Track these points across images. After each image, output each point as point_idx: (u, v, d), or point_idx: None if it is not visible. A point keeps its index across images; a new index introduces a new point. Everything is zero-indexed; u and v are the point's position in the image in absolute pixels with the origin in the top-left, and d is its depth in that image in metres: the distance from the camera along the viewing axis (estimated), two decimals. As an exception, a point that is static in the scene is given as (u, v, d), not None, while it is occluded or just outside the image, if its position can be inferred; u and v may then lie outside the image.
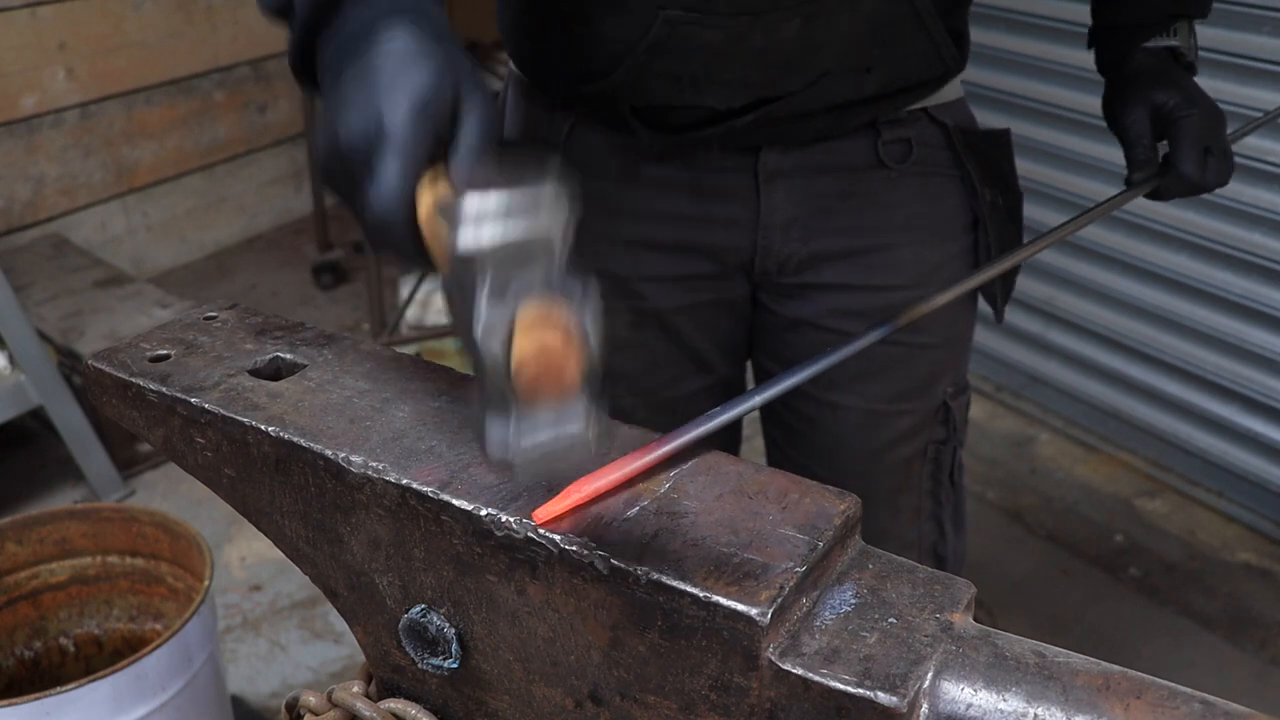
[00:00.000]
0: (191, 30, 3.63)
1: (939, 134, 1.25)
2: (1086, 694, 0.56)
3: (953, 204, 1.28)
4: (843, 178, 1.23)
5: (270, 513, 0.75)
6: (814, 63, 1.12)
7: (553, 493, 0.64)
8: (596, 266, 1.26)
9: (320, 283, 3.71)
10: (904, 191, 1.25)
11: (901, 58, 1.16)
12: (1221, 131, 1.24)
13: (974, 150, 1.26)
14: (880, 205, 1.24)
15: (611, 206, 1.25)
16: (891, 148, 1.23)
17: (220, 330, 0.85)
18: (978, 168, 1.26)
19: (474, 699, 0.71)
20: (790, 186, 1.21)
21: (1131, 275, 2.68)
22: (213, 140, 3.82)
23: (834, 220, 1.23)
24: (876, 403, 1.31)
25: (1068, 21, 2.58)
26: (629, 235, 1.25)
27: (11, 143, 3.26)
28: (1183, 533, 2.60)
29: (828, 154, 1.21)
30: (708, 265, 1.27)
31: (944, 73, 1.21)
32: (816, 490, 0.67)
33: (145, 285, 3.05)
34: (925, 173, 1.25)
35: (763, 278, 1.28)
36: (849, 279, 1.25)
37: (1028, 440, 2.92)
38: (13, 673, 1.83)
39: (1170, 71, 1.25)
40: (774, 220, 1.23)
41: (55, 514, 1.83)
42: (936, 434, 1.35)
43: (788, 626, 0.59)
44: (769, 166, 1.20)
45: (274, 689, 2.16)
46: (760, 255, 1.25)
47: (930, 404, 1.33)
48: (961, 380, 1.37)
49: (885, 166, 1.23)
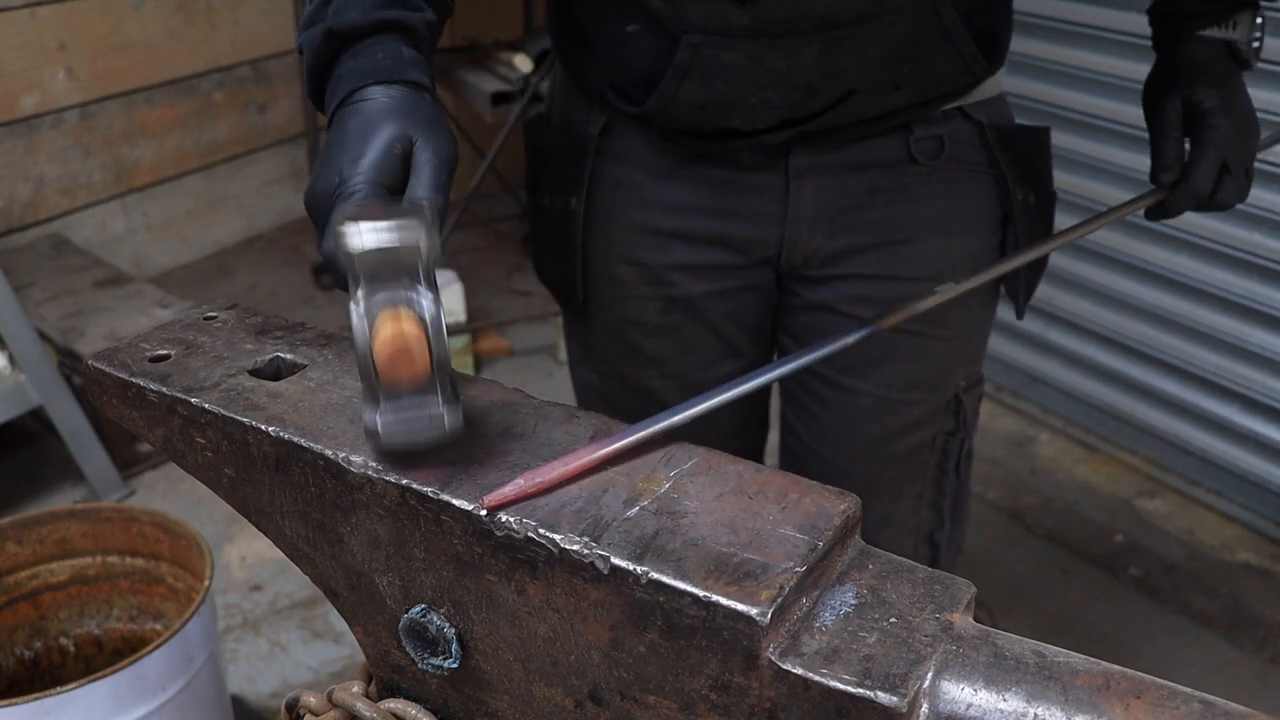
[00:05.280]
0: (191, 30, 3.63)
1: (973, 131, 1.24)
2: (1086, 694, 0.56)
3: (982, 201, 1.27)
4: (873, 174, 1.23)
5: (270, 513, 0.75)
6: (838, 85, 1.13)
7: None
8: (629, 256, 1.29)
9: (320, 283, 3.71)
10: (933, 187, 1.24)
11: (930, 72, 1.16)
12: (1248, 148, 1.19)
13: (1008, 148, 1.25)
14: (908, 200, 1.24)
15: (644, 198, 1.28)
16: (923, 144, 1.22)
17: (220, 330, 0.85)
18: (1011, 166, 1.25)
19: (474, 699, 0.71)
20: (820, 184, 1.22)
21: (1131, 275, 2.68)
22: (213, 140, 3.82)
23: (861, 215, 1.24)
24: (889, 390, 1.32)
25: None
26: (659, 226, 1.28)
27: (11, 143, 3.26)
28: (1183, 533, 2.60)
29: (859, 152, 1.21)
30: (735, 257, 1.28)
31: (972, 81, 1.20)
32: (816, 490, 0.67)
33: (145, 285, 3.05)
34: (956, 169, 1.25)
35: (788, 269, 1.29)
36: (869, 269, 1.26)
37: (1028, 440, 2.92)
38: (13, 673, 1.83)
39: (1218, 68, 1.20)
40: (802, 216, 1.24)
41: (55, 514, 1.83)
42: (946, 425, 1.36)
43: (788, 626, 0.59)
44: (799, 164, 1.21)
45: (274, 689, 2.16)
46: (787, 249, 1.26)
47: (942, 395, 1.34)
48: (975, 374, 1.38)
49: (916, 163, 1.23)
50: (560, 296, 1.39)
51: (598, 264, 1.33)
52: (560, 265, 1.35)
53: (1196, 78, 1.19)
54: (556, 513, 0.64)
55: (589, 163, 1.28)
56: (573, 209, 1.30)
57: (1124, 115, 2.54)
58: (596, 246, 1.32)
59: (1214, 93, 1.18)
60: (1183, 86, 1.19)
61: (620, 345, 1.38)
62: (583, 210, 1.29)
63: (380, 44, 0.90)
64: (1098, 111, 2.61)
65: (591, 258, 1.33)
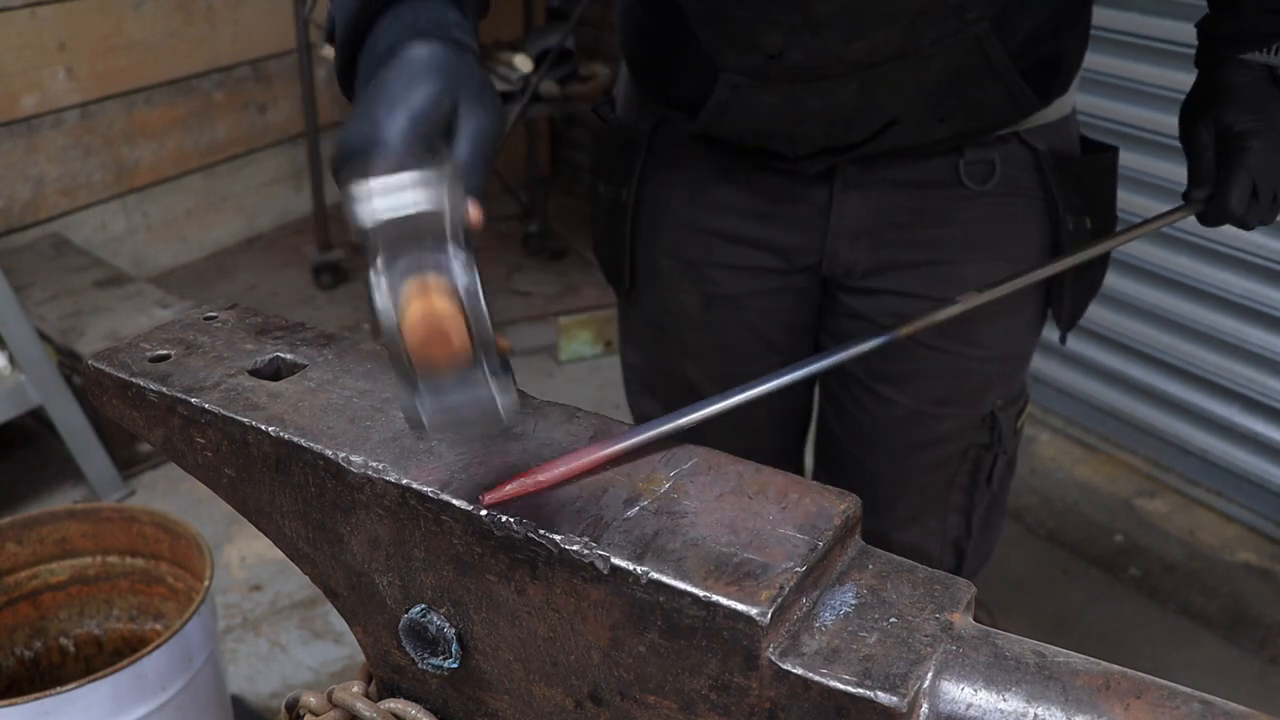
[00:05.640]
0: (191, 30, 3.63)
1: (1029, 156, 1.22)
2: (1086, 694, 0.56)
3: (1031, 226, 1.25)
4: (918, 194, 1.22)
5: (270, 513, 0.75)
6: (878, 117, 1.13)
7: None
8: (673, 251, 1.32)
9: (320, 283, 3.71)
10: (979, 210, 1.23)
11: (976, 106, 1.14)
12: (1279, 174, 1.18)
13: (1064, 175, 1.23)
14: (954, 222, 1.23)
15: (690, 196, 1.29)
16: (974, 168, 1.21)
17: (220, 330, 0.85)
18: (1065, 193, 1.23)
19: (474, 699, 0.71)
20: (864, 199, 1.22)
21: (1131, 275, 2.68)
22: (213, 140, 3.82)
23: (903, 233, 1.24)
24: (921, 403, 1.33)
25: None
26: (704, 224, 1.29)
27: (11, 143, 3.26)
28: (1183, 533, 2.60)
29: (906, 171, 1.21)
30: (777, 261, 1.30)
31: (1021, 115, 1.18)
32: (816, 490, 0.67)
33: (145, 285, 3.05)
34: (1006, 193, 1.23)
35: (830, 278, 1.30)
36: (912, 288, 1.26)
37: (1028, 440, 2.92)
38: (13, 673, 1.83)
39: (1258, 92, 1.18)
40: (843, 228, 1.24)
41: (55, 514, 1.83)
42: (979, 439, 1.36)
43: (788, 626, 0.59)
44: (845, 179, 1.21)
45: (274, 689, 2.16)
46: (828, 259, 1.27)
47: (977, 411, 1.34)
48: (1014, 393, 1.37)
49: (964, 186, 1.21)
50: (610, 278, 1.42)
51: (644, 255, 1.35)
52: (611, 251, 1.38)
53: (1233, 101, 1.17)
54: (556, 513, 0.64)
55: (640, 157, 1.30)
56: (623, 199, 1.33)
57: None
58: (643, 238, 1.34)
59: (1249, 116, 1.16)
60: (1219, 109, 1.17)
61: (661, 334, 1.41)
62: (632, 201, 1.32)
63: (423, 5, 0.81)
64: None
65: (639, 248, 1.35)
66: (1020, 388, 1.38)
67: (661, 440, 0.72)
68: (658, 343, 1.43)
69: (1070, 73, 1.21)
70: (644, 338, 1.45)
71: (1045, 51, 1.15)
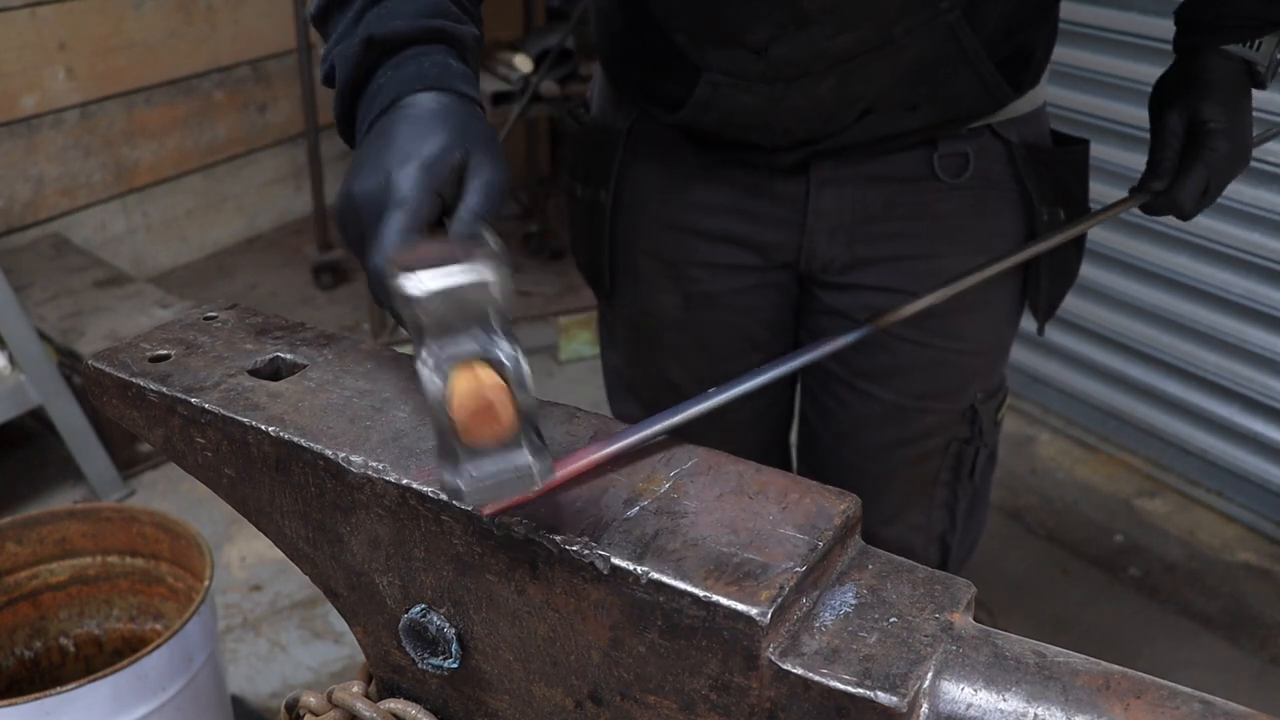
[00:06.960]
0: (191, 30, 3.63)
1: (1001, 149, 1.23)
2: (1086, 694, 0.56)
3: (1006, 219, 1.26)
4: (893, 188, 1.22)
5: (270, 513, 0.75)
6: (854, 108, 1.14)
7: None
8: (652, 250, 1.32)
9: (320, 283, 3.71)
10: (955, 203, 1.23)
11: (948, 95, 1.15)
12: (1232, 174, 1.20)
13: (1037, 167, 1.23)
14: (928, 216, 1.24)
15: (668, 195, 1.29)
16: (948, 161, 1.21)
17: (220, 330, 0.85)
18: (1039, 185, 1.24)
19: (474, 699, 0.71)
20: (839, 194, 1.22)
21: (1131, 275, 2.68)
22: (213, 140, 3.82)
23: (880, 227, 1.24)
24: (902, 398, 1.33)
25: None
26: (682, 223, 1.29)
27: (11, 143, 3.26)
28: (1183, 533, 2.60)
29: (880, 165, 1.21)
30: (755, 258, 1.30)
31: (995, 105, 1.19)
32: (816, 490, 0.67)
33: (145, 285, 3.05)
34: (981, 186, 1.23)
35: (808, 273, 1.30)
36: (889, 282, 1.26)
37: (1028, 440, 2.92)
38: (13, 673, 1.83)
39: (1232, 87, 1.18)
40: (820, 225, 1.24)
41: (55, 514, 1.83)
42: (960, 433, 1.37)
43: (788, 626, 0.59)
44: (820, 175, 1.22)
45: (274, 689, 2.16)
46: (805, 255, 1.27)
47: (957, 405, 1.34)
48: (993, 385, 1.37)
49: (938, 179, 1.22)
50: (590, 281, 1.42)
51: (623, 255, 1.35)
52: (590, 253, 1.38)
53: (1208, 93, 1.17)
54: (556, 513, 0.64)
55: (618, 156, 1.30)
56: (601, 200, 1.33)
57: (1123, 116, 2.54)
58: (622, 238, 1.34)
59: (1221, 112, 1.16)
60: (1195, 99, 1.17)
61: (642, 335, 1.41)
62: (610, 202, 1.32)
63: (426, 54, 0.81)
64: (1100, 112, 2.61)
65: (617, 249, 1.35)
66: (1000, 380, 1.38)
67: (662, 440, 0.72)
68: (639, 344, 1.43)
69: (1040, 65, 1.22)
70: (625, 340, 1.45)
71: (1016, 42, 1.15)
